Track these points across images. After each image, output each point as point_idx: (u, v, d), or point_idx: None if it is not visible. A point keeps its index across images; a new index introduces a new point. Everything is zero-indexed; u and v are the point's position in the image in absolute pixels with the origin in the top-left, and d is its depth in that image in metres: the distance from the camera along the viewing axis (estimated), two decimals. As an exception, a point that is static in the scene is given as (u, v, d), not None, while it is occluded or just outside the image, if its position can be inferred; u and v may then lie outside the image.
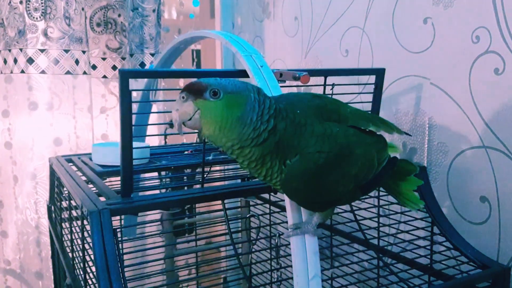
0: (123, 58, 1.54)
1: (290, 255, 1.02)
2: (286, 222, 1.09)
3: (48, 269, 1.46)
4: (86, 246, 0.69)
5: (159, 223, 1.06)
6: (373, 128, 0.65)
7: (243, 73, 0.70)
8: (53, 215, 1.15)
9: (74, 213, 0.87)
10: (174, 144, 1.33)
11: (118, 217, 1.00)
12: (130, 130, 0.65)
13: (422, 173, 0.87)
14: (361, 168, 0.61)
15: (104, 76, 1.55)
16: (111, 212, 0.61)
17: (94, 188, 0.78)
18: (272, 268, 1.02)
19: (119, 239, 1.02)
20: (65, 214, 0.99)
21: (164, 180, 0.99)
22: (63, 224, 0.99)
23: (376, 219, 0.90)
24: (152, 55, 1.50)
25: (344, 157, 0.59)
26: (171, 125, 0.61)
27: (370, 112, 0.78)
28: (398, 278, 0.78)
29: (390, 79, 1.04)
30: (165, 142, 1.61)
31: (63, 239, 0.99)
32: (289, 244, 0.93)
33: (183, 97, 0.54)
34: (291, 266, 0.90)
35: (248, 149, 0.55)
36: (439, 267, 0.84)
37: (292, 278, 0.83)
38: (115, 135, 1.58)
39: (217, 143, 0.56)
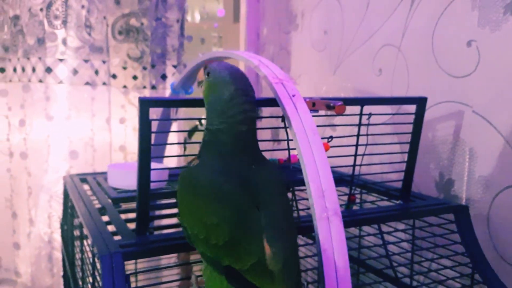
0: (144, 68, 1.49)
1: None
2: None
3: (59, 286, 1.41)
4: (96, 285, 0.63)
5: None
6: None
7: (273, 102, 0.63)
8: (65, 234, 1.11)
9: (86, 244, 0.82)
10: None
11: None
12: (148, 163, 0.59)
13: (463, 213, 0.79)
14: (209, 235, 0.53)
15: (124, 86, 1.50)
16: (123, 256, 0.55)
17: (107, 218, 0.72)
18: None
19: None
20: (77, 233, 0.95)
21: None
22: (75, 244, 0.95)
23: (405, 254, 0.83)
24: (175, 67, 1.45)
25: (207, 204, 0.54)
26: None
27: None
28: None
29: (428, 104, 0.97)
30: (184, 151, 1.54)
31: (75, 262, 0.94)
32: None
33: (205, 67, 0.62)
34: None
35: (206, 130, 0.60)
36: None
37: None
38: (134, 145, 1.54)
39: None
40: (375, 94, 1.13)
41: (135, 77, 1.50)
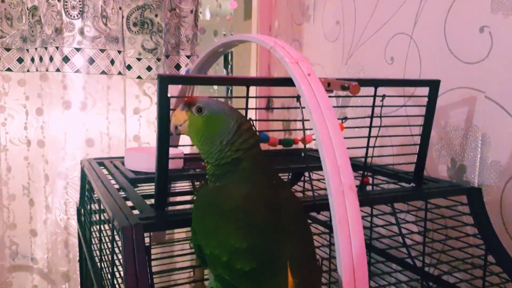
0: (158, 59, 1.51)
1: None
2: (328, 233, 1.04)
3: (75, 271, 1.44)
4: (116, 261, 0.65)
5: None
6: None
7: (289, 82, 0.65)
8: (83, 218, 1.13)
9: (105, 214, 0.84)
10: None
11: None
12: (167, 139, 0.61)
13: (476, 195, 0.79)
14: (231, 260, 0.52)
15: (139, 77, 1.52)
16: (145, 227, 0.57)
17: (126, 196, 0.74)
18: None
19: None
20: (96, 216, 0.97)
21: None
22: (92, 228, 0.96)
23: (415, 237, 0.84)
24: (188, 57, 1.46)
25: (238, 227, 0.53)
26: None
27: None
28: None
29: (440, 91, 0.97)
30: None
31: (92, 245, 0.96)
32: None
33: (182, 106, 0.62)
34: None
35: (209, 165, 0.61)
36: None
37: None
38: (148, 137, 1.56)
39: (200, 152, 0.62)
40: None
41: (149, 68, 1.53)
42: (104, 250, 0.80)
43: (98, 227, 0.86)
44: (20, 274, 1.53)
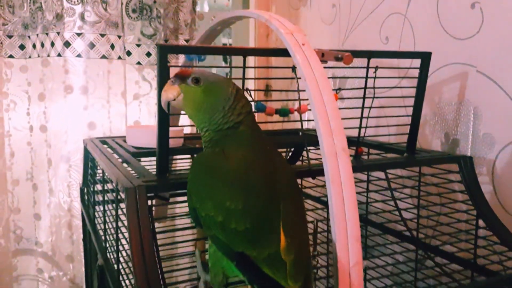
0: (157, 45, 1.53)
1: (324, 242, 1.00)
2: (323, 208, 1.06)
3: (79, 252, 1.47)
4: (120, 224, 0.68)
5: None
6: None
7: (285, 52, 0.67)
8: (86, 197, 1.15)
9: (108, 195, 0.86)
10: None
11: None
12: (167, 107, 0.63)
13: (467, 163, 0.82)
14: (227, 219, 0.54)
15: (138, 63, 1.54)
16: (147, 189, 0.60)
17: (130, 169, 0.76)
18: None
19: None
20: (99, 197, 0.99)
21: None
22: (96, 208, 0.99)
23: (413, 210, 0.86)
24: (187, 41, 1.49)
25: (229, 189, 0.55)
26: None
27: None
28: (442, 272, 0.75)
29: (433, 67, 0.99)
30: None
31: (96, 222, 0.99)
32: (325, 231, 0.91)
33: (171, 81, 0.62)
34: (325, 254, 0.88)
35: (207, 132, 0.62)
36: (481, 263, 0.80)
37: (327, 266, 0.81)
38: (148, 122, 1.58)
39: (195, 123, 0.63)
40: (380, 63, 1.16)
41: (148, 54, 1.55)
42: (108, 223, 0.82)
43: (102, 199, 0.88)
44: (24, 258, 1.56)
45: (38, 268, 1.56)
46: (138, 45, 1.54)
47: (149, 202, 0.62)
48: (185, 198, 0.79)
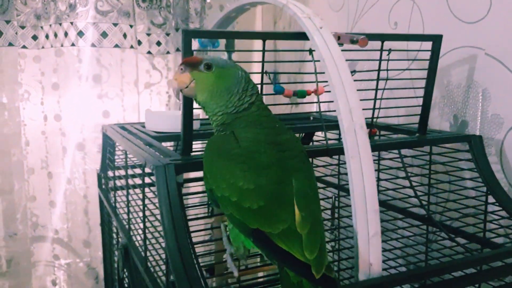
0: (167, 34, 1.56)
1: (342, 216, 1.02)
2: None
3: (95, 237, 1.51)
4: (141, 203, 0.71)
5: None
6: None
7: (303, 35, 0.70)
8: (103, 181, 1.18)
9: (131, 173, 0.89)
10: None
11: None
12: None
13: (477, 142, 0.85)
14: (242, 197, 0.56)
15: (149, 52, 1.57)
16: (176, 167, 0.63)
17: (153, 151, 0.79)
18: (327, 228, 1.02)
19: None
20: (118, 182, 1.02)
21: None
22: (117, 193, 1.02)
23: (420, 189, 0.88)
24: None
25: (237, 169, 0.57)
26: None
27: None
28: (455, 242, 0.78)
29: (442, 51, 1.02)
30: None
31: (117, 205, 1.02)
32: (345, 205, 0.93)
33: (181, 69, 0.63)
34: (344, 227, 0.91)
35: (219, 117, 0.63)
36: (489, 237, 0.82)
37: (346, 238, 0.83)
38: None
39: (207, 108, 0.64)
40: (391, 46, 1.18)
41: (158, 43, 1.57)
42: (132, 201, 0.86)
43: (124, 183, 0.91)
44: (40, 245, 1.60)
45: (54, 254, 1.60)
46: (148, 34, 1.56)
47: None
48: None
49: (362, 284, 0.58)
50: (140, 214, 0.80)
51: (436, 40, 0.82)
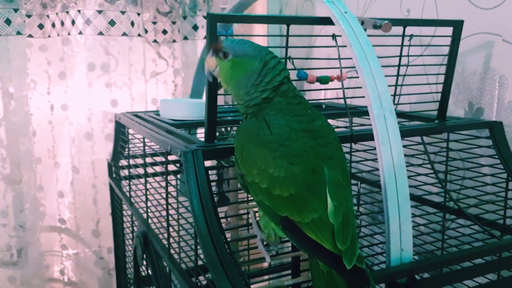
0: (174, 22, 1.54)
1: (366, 203, 1.01)
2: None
3: (105, 227, 1.50)
4: (163, 191, 0.70)
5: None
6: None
7: (328, 20, 0.69)
8: (114, 169, 1.18)
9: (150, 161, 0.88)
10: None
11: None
12: (215, 78, 0.65)
13: (498, 128, 0.85)
14: (272, 185, 0.56)
15: (155, 41, 1.56)
16: (204, 153, 0.62)
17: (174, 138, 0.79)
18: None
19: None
20: (134, 172, 1.01)
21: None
22: (129, 181, 1.01)
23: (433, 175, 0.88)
24: (205, 17, 1.49)
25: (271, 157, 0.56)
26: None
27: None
28: (478, 225, 0.78)
29: (456, 38, 1.02)
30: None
31: (131, 193, 1.02)
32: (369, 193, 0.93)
33: (212, 52, 0.63)
34: (367, 214, 0.90)
35: (241, 106, 0.64)
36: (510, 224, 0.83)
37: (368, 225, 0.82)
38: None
39: (231, 94, 0.65)
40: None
41: (164, 32, 1.56)
42: (150, 190, 0.85)
43: (140, 172, 0.91)
44: (48, 235, 1.59)
45: (62, 244, 1.59)
46: (154, 23, 1.55)
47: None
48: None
49: (395, 269, 0.58)
50: (161, 202, 0.80)
51: (457, 25, 0.82)
